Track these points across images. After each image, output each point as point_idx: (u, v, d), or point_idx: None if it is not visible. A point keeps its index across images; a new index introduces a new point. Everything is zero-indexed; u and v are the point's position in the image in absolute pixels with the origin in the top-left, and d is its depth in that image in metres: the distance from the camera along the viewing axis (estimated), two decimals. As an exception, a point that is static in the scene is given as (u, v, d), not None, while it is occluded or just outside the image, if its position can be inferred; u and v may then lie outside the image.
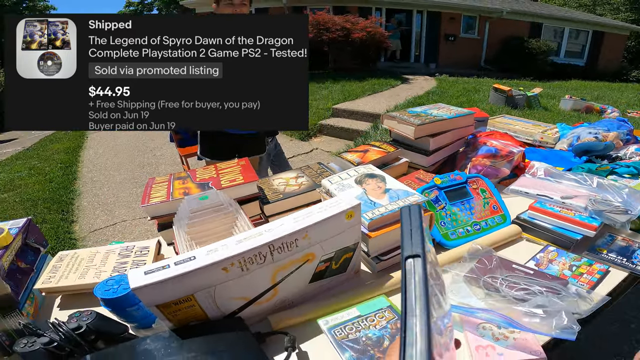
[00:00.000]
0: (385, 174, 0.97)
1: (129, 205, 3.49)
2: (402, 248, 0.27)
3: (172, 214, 0.78)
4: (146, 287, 0.52)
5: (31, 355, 0.57)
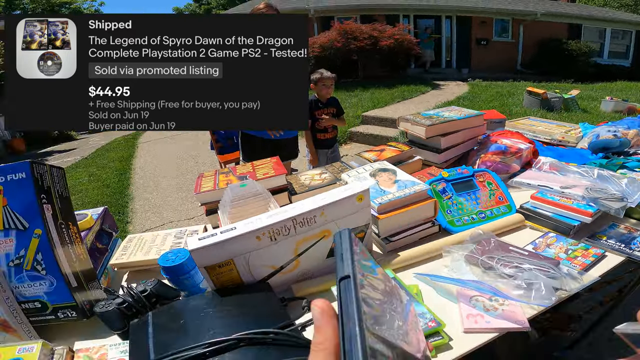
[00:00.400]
0: (397, 168, 1.10)
1: (175, 208, 3.82)
2: (336, 270, 0.31)
3: (217, 201, 0.95)
4: (199, 249, 0.68)
5: (107, 314, 0.71)
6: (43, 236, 0.69)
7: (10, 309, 0.70)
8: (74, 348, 0.70)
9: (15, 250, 0.69)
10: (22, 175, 0.68)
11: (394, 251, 0.93)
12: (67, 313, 0.75)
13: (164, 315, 0.68)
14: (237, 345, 0.58)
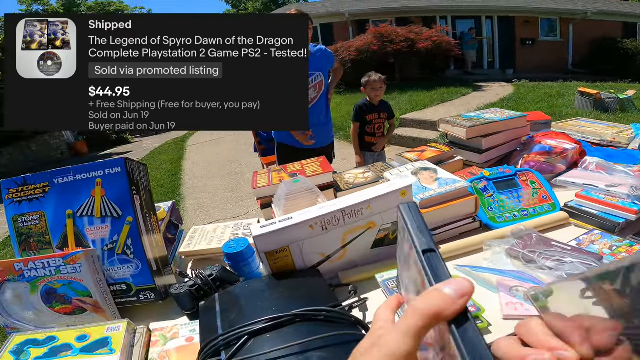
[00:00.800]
0: (437, 167, 1.15)
1: (222, 207, 4.05)
2: (413, 240, 0.30)
3: (271, 195, 1.05)
4: (261, 236, 0.77)
5: (181, 295, 0.80)
6: (133, 224, 0.81)
7: (101, 290, 0.81)
8: (150, 328, 0.80)
9: (110, 235, 0.81)
10: (117, 170, 0.80)
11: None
12: (147, 295, 0.85)
13: (229, 297, 0.78)
14: (293, 320, 0.66)
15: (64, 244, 0.82)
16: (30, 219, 0.82)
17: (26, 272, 0.79)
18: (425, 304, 0.25)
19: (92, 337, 0.71)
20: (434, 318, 0.25)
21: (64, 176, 0.81)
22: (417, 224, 0.32)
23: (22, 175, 0.82)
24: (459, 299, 0.25)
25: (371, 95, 2.86)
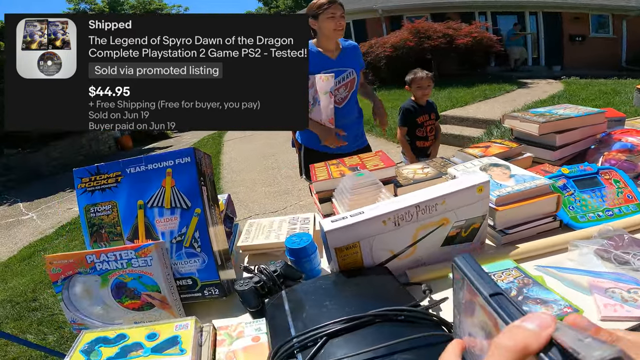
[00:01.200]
0: (509, 164, 1.07)
1: (260, 201, 4.11)
2: (478, 288, 0.32)
3: (331, 189, 1.02)
4: (334, 231, 0.73)
5: (246, 292, 0.78)
6: (201, 215, 0.79)
7: (169, 285, 0.80)
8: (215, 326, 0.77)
9: (179, 227, 0.80)
10: (187, 160, 0.79)
11: (509, 244, 0.91)
12: (211, 290, 0.83)
13: (297, 295, 0.74)
14: (373, 321, 0.62)
15: (134, 235, 0.81)
16: (102, 209, 0.82)
17: (98, 264, 0.78)
18: (511, 340, 0.26)
19: (161, 336, 0.69)
20: (521, 352, 0.25)
21: (136, 166, 0.81)
22: (476, 272, 0.33)
23: (95, 165, 0.83)
24: (543, 332, 0.25)
25: (417, 94, 2.56)
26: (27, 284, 3.16)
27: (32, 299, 2.88)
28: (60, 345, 2.25)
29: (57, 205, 5.89)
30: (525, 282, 0.74)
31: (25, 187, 7.54)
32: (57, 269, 0.80)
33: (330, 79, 1.70)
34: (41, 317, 2.59)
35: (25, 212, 5.82)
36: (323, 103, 1.73)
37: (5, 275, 3.56)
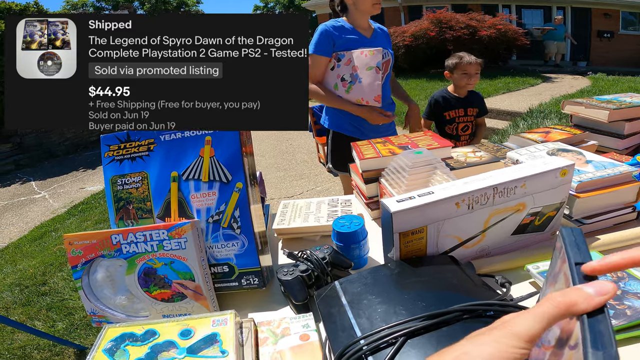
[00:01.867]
0: (581, 149, 0.96)
1: (275, 185, 4.05)
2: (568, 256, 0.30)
3: (379, 169, 0.91)
4: (401, 212, 0.62)
5: (292, 282, 0.68)
6: (243, 191, 0.69)
7: (204, 272, 0.70)
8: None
9: (217, 204, 0.70)
10: (229, 127, 0.69)
11: (585, 235, 0.80)
12: (249, 280, 0.73)
13: (356, 286, 0.63)
14: (459, 318, 0.51)
15: (165, 212, 0.71)
16: (131, 180, 0.72)
17: (125, 246, 0.68)
18: (562, 296, 0.26)
19: (197, 333, 0.59)
20: (568, 308, 0.25)
21: (171, 132, 0.71)
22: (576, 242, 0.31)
23: (126, 131, 0.72)
24: (597, 297, 0.25)
25: (461, 82, 2.08)
26: (37, 266, 3.09)
27: (41, 283, 2.80)
28: (70, 333, 2.17)
29: (69, 185, 5.87)
30: (619, 275, 0.64)
31: (38, 166, 7.55)
32: (78, 250, 0.70)
33: (376, 53, 1.54)
34: (50, 303, 2.51)
35: (38, 191, 5.80)
36: (367, 79, 1.56)
37: (15, 256, 3.49)
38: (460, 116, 2.13)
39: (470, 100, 2.14)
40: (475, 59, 2.07)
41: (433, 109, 2.18)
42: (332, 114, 1.74)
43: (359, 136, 1.69)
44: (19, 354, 2.03)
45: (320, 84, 1.64)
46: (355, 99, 1.61)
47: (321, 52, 1.57)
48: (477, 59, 2.08)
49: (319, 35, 1.58)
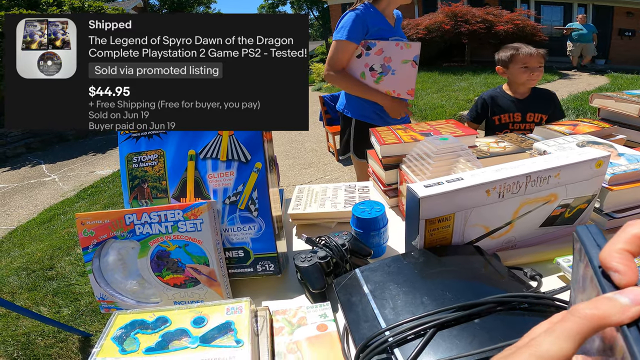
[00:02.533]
0: (612, 142, 0.92)
1: (284, 173, 4.03)
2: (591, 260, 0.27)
3: (400, 155, 0.87)
4: (429, 197, 0.59)
5: (310, 269, 0.66)
6: (262, 172, 0.66)
7: (219, 257, 0.68)
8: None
9: (234, 185, 0.68)
10: (250, 106, 0.66)
11: (613, 229, 0.77)
12: (265, 265, 0.71)
13: (378, 275, 0.60)
14: (492, 309, 0.49)
15: (181, 193, 0.69)
16: (147, 158, 0.70)
17: (138, 227, 0.66)
18: (592, 309, 0.22)
19: (210, 321, 0.56)
20: (598, 321, 0.22)
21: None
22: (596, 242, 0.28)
23: (126, 131, 0.70)
24: (634, 307, 0.22)
25: (520, 79, 1.66)
26: (45, 249, 3.07)
27: (48, 267, 2.78)
28: (75, 319, 2.14)
29: (79, 168, 5.91)
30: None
31: (49, 149, 7.61)
32: (90, 231, 0.68)
33: (414, 47, 1.52)
34: (57, 288, 2.49)
35: (48, 174, 5.85)
36: (402, 73, 1.55)
37: (23, 239, 3.48)
38: (515, 122, 1.71)
39: (534, 102, 1.70)
40: (537, 50, 1.66)
41: (480, 110, 1.78)
42: (356, 102, 1.68)
43: (383, 125, 1.62)
44: (23, 341, 2.02)
45: (345, 71, 1.59)
46: (385, 89, 1.58)
47: (353, 39, 1.51)
48: (539, 50, 1.67)
49: (353, 21, 1.51)
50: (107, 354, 0.52)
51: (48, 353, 1.91)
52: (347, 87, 1.65)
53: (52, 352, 1.92)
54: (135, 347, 0.53)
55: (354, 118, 1.71)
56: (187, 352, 0.51)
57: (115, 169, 5.52)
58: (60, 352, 1.92)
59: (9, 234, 3.68)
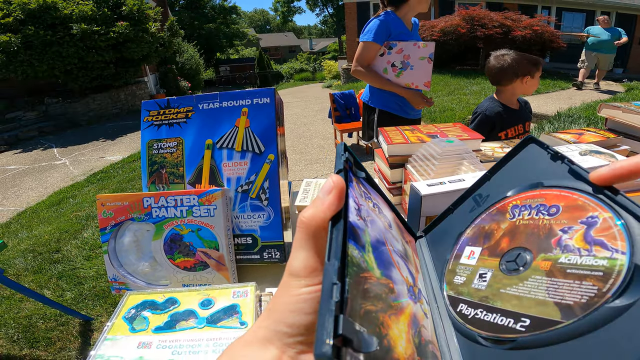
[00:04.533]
0: (614, 153, 0.94)
1: (290, 168, 4.11)
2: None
3: (406, 155, 0.91)
4: (431, 196, 0.63)
5: None
6: (274, 163, 0.70)
7: (228, 242, 0.70)
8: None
9: (247, 174, 0.71)
10: (266, 100, 0.69)
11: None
12: (271, 254, 0.73)
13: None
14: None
15: (196, 179, 0.73)
16: (166, 145, 0.74)
17: (155, 210, 0.69)
18: (305, 211, 0.24)
19: (217, 303, 0.58)
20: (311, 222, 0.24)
21: (209, 102, 0.72)
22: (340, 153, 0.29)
23: (166, 98, 0.74)
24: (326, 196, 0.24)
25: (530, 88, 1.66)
26: (52, 232, 3.11)
27: (55, 250, 2.80)
28: (78, 303, 2.17)
29: (90, 153, 6.01)
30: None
31: (61, 134, 7.74)
32: (109, 212, 0.72)
33: (429, 46, 1.77)
34: (62, 271, 2.51)
35: (59, 157, 5.95)
36: (419, 68, 1.81)
37: (32, 222, 3.52)
38: (520, 134, 1.71)
39: (525, 111, 1.75)
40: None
41: (486, 127, 1.68)
42: (379, 94, 1.95)
43: (403, 115, 1.95)
44: (25, 323, 2.05)
45: (369, 67, 1.88)
46: (405, 82, 1.86)
47: (377, 40, 1.80)
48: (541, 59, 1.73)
49: (378, 26, 1.79)
50: (117, 331, 0.55)
51: (48, 336, 1.94)
52: (372, 81, 1.91)
53: (52, 335, 1.95)
54: (145, 326, 0.56)
55: (377, 108, 1.98)
56: (194, 331, 0.54)
57: (125, 155, 5.60)
58: (60, 335, 1.95)
59: (17, 215, 3.75)
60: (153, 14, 9.33)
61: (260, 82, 18.49)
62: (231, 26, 30.00)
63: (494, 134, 1.67)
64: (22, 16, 7.54)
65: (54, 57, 7.70)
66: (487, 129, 1.67)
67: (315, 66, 24.63)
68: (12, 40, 7.20)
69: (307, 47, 43.77)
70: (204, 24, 27.20)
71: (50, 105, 8.47)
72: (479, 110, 1.72)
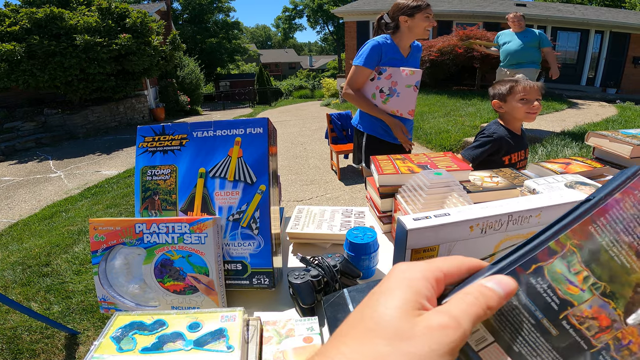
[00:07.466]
0: (599, 184, 0.96)
1: (286, 188, 4.08)
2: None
3: (396, 185, 0.93)
4: (416, 230, 0.64)
5: (302, 285, 0.70)
6: (265, 194, 0.71)
7: (218, 268, 0.71)
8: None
9: (239, 204, 0.72)
10: (259, 130, 0.71)
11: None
12: (260, 279, 0.75)
13: (362, 295, 0.65)
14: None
15: (188, 207, 0.74)
16: (160, 172, 0.75)
17: (147, 236, 0.71)
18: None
19: (205, 327, 0.59)
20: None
21: (203, 130, 0.74)
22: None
23: (161, 124, 0.75)
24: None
25: (520, 113, 1.60)
26: (43, 246, 3.07)
27: (44, 264, 2.77)
28: (64, 317, 2.14)
29: (86, 167, 5.99)
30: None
31: (58, 146, 7.74)
32: (101, 236, 0.73)
33: (416, 73, 1.78)
34: (50, 284, 2.48)
35: (54, 170, 5.94)
36: (404, 95, 1.82)
37: (23, 234, 3.49)
38: (520, 160, 1.66)
39: (524, 137, 1.70)
40: (535, 83, 1.59)
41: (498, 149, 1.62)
42: (367, 119, 1.96)
43: (390, 140, 1.96)
44: (9, 335, 2.02)
45: (360, 91, 1.90)
46: (390, 109, 1.87)
47: (368, 65, 1.81)
48: (537, 82, 1.60)
49: (371, 50, 1.79)
50: (104, 350, 0.55)
51: (32, 348, 1.92)
52: (360, 105, 1.92)
53: (37, 347, 1.92)
54: (132, 346, 0.56)
55: (365, 132, 1.98)
56: (181, 353, 0.54)
57: (121, 170, 5.60)
58: (45, 347, 1.93)
59: (9, 228, 3.71)
60: (156, 27, 9.48)
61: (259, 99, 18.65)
62: (233, 41, 30.42)
63: (497, 157, 1.63)
64: (29, 25, 7.64)
65: (56, 67, 7.78)
66: (493, 151, 1.63)
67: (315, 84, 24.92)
68: (17, 49, 7.27)
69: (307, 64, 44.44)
70: (207, 38, 27.61)
71: (49, 116, 8.50)
72: (486, 132, 1.68)
